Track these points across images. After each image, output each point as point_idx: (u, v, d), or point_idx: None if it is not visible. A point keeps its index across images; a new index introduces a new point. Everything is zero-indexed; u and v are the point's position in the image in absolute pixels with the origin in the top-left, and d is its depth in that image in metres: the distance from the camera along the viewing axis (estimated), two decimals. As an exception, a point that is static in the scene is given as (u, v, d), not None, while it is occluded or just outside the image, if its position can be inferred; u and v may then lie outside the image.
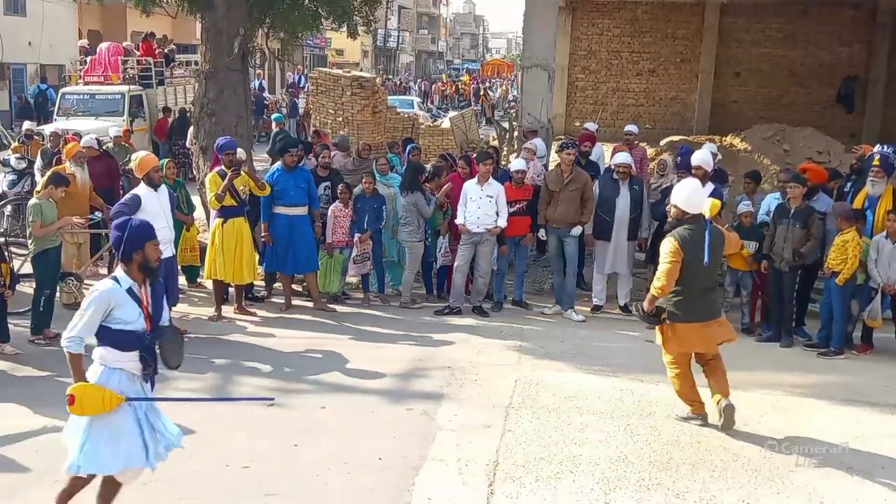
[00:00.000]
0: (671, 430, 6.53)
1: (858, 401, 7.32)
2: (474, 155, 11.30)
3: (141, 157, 8.53)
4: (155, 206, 8.25)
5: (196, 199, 11.08)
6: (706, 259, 6.35)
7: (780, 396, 7.37)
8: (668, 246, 6.40)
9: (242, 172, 9.30)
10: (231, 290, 9.61)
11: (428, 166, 11.24)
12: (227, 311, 9.43)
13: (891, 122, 21.64)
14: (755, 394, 7.36)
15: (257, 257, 9.92)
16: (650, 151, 16.04)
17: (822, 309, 8.94)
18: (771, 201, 9.64)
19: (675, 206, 6.56)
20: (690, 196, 6.50)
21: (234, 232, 9.23)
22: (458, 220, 9.78)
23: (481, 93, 43.83)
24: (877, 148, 9.63)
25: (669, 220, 6.76)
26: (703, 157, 9.42)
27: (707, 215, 6.44)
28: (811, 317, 9.35)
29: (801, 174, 9.36)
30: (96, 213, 10.20)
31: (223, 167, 9.25)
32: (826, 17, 22.45)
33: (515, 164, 10.37)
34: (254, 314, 9.51)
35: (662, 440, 6.33)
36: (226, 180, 9.07)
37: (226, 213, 9.22)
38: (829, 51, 22.73)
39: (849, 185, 10.17)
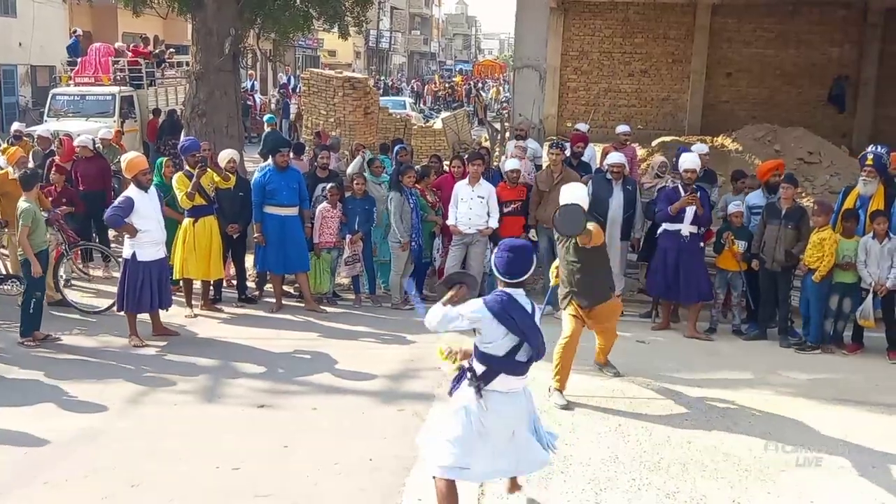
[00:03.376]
0: (662, 430, 6.53)
1: (848, 400, 7.34)
2: (466, 156, 11.31)
3: (130, 159, 8.54)
4: (147, 208, 8.34)
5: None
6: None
7: (769, 395, 7.38)
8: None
9: (208, 169, 9.38)
10: (197, 286, 9.66)
11: (418, 166, 11.23)
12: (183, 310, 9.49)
13: (881, 122, 21.72)
14: (745, 393, 7.38)
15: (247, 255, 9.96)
16: (641, 152, 16.06)
17: (802, 306, 8.99)
18: (754, 200, 9.61)
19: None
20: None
21: (205, 231, 9.33)
22: (449, 221, 9.78)
23: (473, 93, 43.84)
24: (870, 147, 9.65)
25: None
26: (694, 160, 9.34)
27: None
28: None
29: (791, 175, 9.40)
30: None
31: (188, 168, 9.33)
32: (817, 18, 22.53)
33: (510, 163, 10.38)
34: (220, 310, 9.61)
35: (653, 440, 6.34)
36: (193, 179, 9.14)
37: (196, 213, 9.30)
38: (820, 51, 22.80)
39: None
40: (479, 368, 4.79)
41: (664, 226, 9.16)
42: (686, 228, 8.99)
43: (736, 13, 23.04)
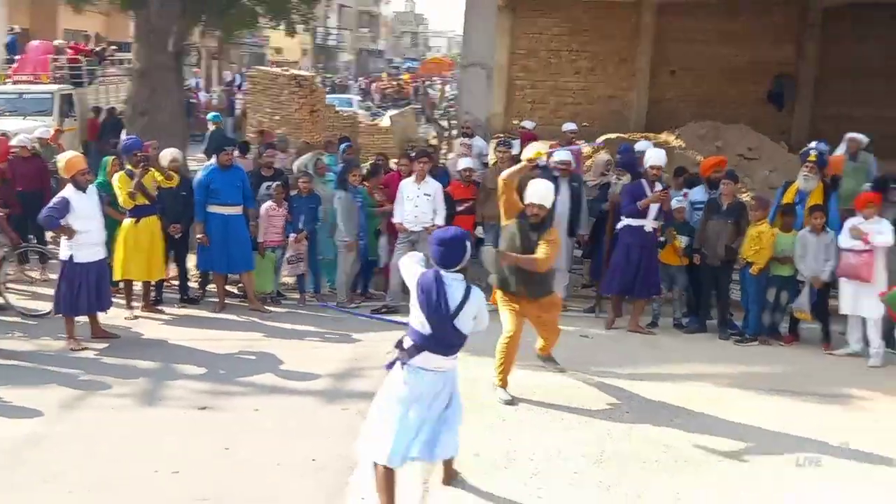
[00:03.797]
0: (604, 423, 6.60)
1: (785, 390, 7.49)
2: (413, 153, 11.29)
3: (68, 159, 8.36)
4: (85, 208, 8.18)
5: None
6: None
7: (709, 387, 7.51)
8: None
9: (150, 169, 9.25)
10: (137, 287, 9.51)
11: (365, 164, 11.20)
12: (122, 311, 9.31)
13: (819, 120, 22.17)
14: (685, 385, 7.51)
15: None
16: (587, 149, 16.20)
17: (742, 299, 9.17)
18: (697, 196, 9.74)
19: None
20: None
21: (147, 231, 9.20)
22: (395, 219, 9.76)
23: (421, 91, 43.80)
24: (812, 144, 9.85)
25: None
26: (659, 155, 9.28)
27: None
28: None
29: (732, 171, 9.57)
30: None
31: (130, 167, 9.19)
32: (757, 17, 22.90)
33: (462, 162, 10.40)
34: (162, 311, 9.48)
35: (596, 433, 6.40)
36: (135, 179, 8.99)
37: (138, 213, 9.17)
38: (761, 50, 23.19)
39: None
40: (407, 343, 4.95)
41: (626, 221, 9.06)
42: (650, 224, 9.03)
43: (680, 13, 23.33)
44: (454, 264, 4.95)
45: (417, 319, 4.94)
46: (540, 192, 6.99)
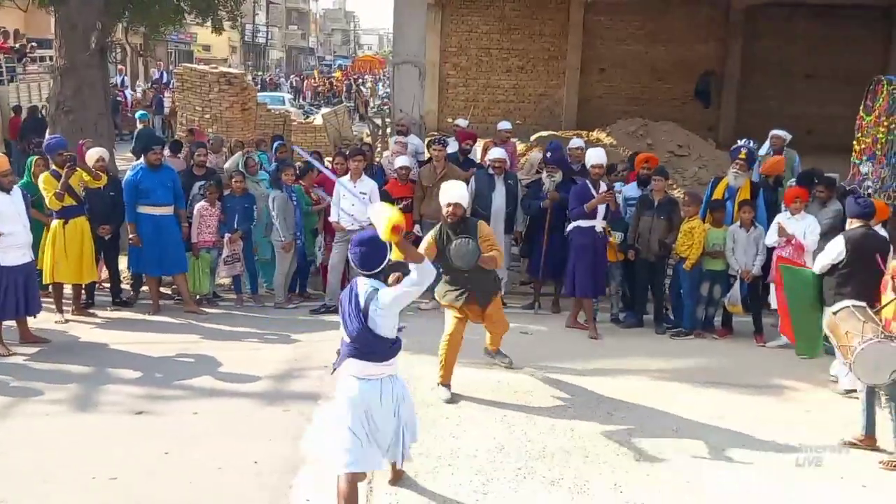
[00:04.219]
0: (546, 419, 6.66)
1: (720, 383, 7.67)
2: (347, 151, 11.22)
3: (-10, 160, 8.07)
4: (9, 210, 7.93)
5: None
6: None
7: (647, 381, 7.64)
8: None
9: (77, 168, 9.04)
10: (67, 291, 9.28)
11: (298, 163, 11.08)
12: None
13: (744, 116, 22.74)
14: (624, 379, 7.62)
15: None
16: (520, 147, 16.32)
17: (672, 293, 9.35)
18: (630, 192, 9.90)
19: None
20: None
21: (76, 232, 8.97)
22: (332, 218, 9.69)
23: (354, 89, 43.58)
24: (742, 141, 10.08)
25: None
26: (600, 154, 9.40)
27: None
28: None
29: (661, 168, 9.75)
30: None
31: (55, 168, 8.94)
32: (683, 15, 23.37)
33: (399, 161, 10.37)
34: (94, 315, 9.26)
35: (538, 429, 6.45)
36: (62, 179, 8.76)
37: (66, 214, 8.93)
38: (687, 48, 23.66)
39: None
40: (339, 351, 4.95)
41: (577, 223, 9.10)
42: (599, 224, 9.09)
43: (608, 10, 23.65)
44: (373, 266, 4.85)
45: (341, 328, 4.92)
46: (453, 191, 7.03)
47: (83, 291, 9.41)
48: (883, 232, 7.65)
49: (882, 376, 5.94)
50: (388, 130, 16.93)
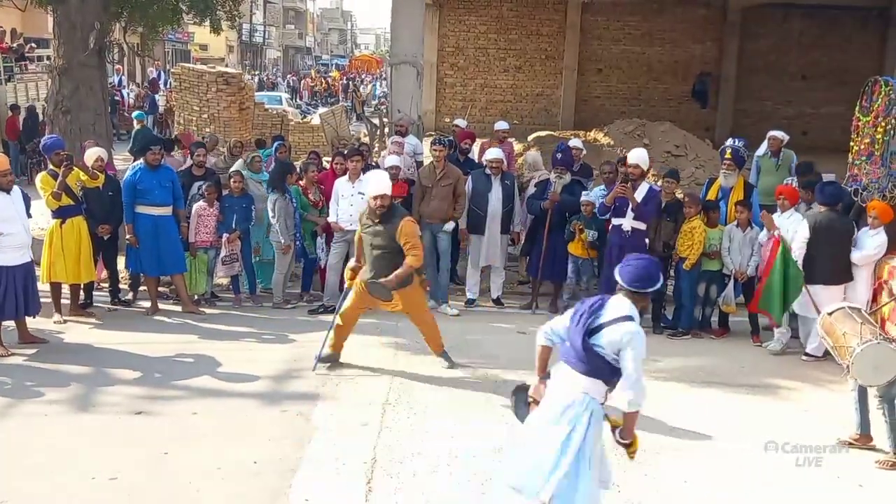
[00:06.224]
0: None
1: (717, 382, 7.71)
2: (346, 151, 11.23)
3: (-10, 160, 8.08)
4: (9, 211, 7.92)
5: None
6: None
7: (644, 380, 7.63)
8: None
9: (74, 168, 9.03)
10: (65, 290, 9.26)
11: (298, 163, 11.09)
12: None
13: (740, 116, 22.85)
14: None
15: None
16: (518, 147, 16.35)
17: (675, 293, 9.38)
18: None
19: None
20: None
21: (73, 232, 8.95)
22: (331, 218, 9.71)
23: (350, 89, 43.59)
24: (729, 141, 10.11)
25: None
26: (640, 155, 9.27)
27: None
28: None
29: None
30: None
31: (52, 167, 8.95)
32: (680, 16, 23.46)
33: (389, 160, 10.37)
34: (92, 315, 9.24)
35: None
36: (59, 179, 8.76)
37: (64, 213, 8.92)
38: (684, 48, 23.76)
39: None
40: None
41: (612, 221, 9.12)
42: (627, 223, 9.00)
43: (604, 11, 23.73)
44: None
45: None
46: (377, 183, 7.23)
47: (81, 291, 9.40)
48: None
49: (881, 378, 5.98)
50: (387, 130, 16.93)
